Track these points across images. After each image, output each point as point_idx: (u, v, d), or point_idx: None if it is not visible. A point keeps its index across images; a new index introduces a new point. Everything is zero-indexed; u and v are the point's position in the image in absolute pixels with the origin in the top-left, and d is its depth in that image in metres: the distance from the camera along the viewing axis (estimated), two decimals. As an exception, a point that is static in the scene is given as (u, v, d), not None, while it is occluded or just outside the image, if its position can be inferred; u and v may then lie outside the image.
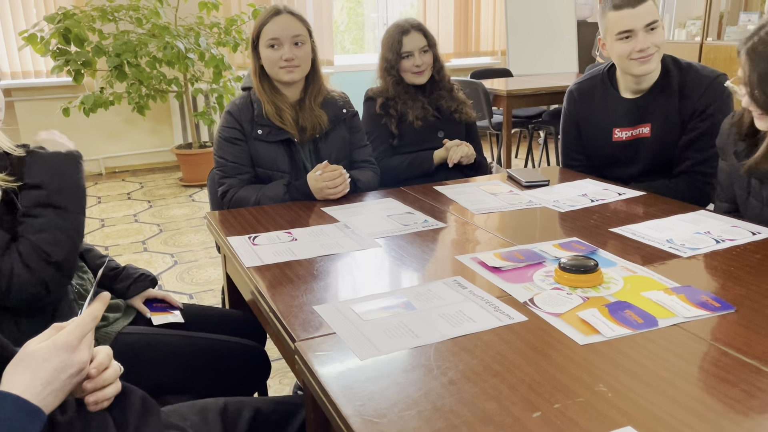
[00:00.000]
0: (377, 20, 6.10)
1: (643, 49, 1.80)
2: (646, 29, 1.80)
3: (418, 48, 2.20)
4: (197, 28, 4.41)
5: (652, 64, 1.84)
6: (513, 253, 1.33)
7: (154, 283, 1.53)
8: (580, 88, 2.07)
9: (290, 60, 1.80)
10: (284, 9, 1.84)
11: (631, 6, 1.79)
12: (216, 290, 2.92)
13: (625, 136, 1.95)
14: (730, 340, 0.96)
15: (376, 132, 2.24)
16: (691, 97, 1.86)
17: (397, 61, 2.22)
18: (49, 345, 0.77)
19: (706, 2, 4.98)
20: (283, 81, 1.84)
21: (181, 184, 4.79)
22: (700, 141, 1.87)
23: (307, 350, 0.98)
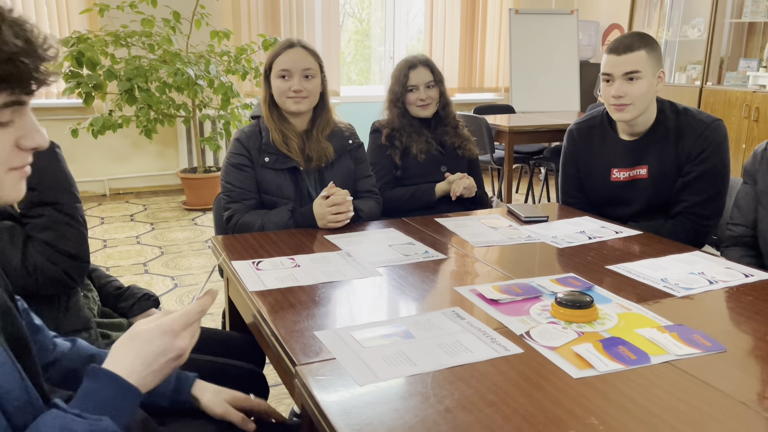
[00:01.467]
0: (384, 53, 6.22)
1: (616, 96, 1.85)
2: (624, 77, 1.84)
3: (424, 82, 2.26)
4: (208, 56, 4.50)
5: (626, 114, 1.87)
6: (511, 287, 1.36)
7: (157, 303, 1.56)
8: (580, 129, 2.12)
9: (298, 91, 1.86)
10: (298, 42, 1.90)
11: (616, 53, 1.85)
12: (215, 314, 2.94)
13: (623, 177, 1.99)
14: (720, 379, 0.99)
15: (381, 163, 2.28)
16: (687, 141, 1.91)
17: (402, 93, 2.28)
18: (154, 328, 0.82)
19: (707, 48, 5.09)
20: (289, 111, 1.90)
21: (185, 208, 4.83)
22: (696, 184, 1.91)
23: (307, 374, 1.00)
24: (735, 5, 5.06)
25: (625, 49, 1.84)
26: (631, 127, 1.96)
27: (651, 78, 1.85)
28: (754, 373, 1.02)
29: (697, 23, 5.38)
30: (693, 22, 5.42)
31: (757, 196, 1.66)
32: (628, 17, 5.78)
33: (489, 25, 6.13)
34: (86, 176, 5.11)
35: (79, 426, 0.72)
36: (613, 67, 1.86)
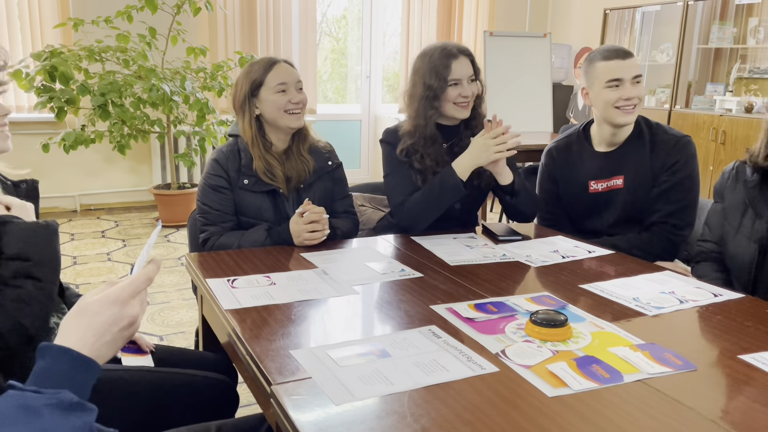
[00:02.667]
0: (360, 72, 6.26)
1: (629, 98, 1.94)
2: (633, 81, 1.95)
3: (467, 76, 1.94)
4: (183, 72, 4.48)
5: (633, 116, 1.98)
6: (486, 305, 1.37)
7: None
8: (558, 146, 2.19)
9: (297, 103, 1.85)
10: (280, 59, 1.90)
11: (621, 58, 1.95)
12: (187, 332, 2.89)
13: (600, 188, 2.05)
14: (691, 397, 1.00)
15: (399, 176, 2.00)
16: (660, 152, 1.99)
17: (442, 88, 1.92)
18: (101, 299, 0.81)
19: (675, 72, 5.23)
20: (291, 127, 1.87)
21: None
22: (669, 193, 1.98)
23: (282, 394, 0.99)
24: (702, 31, 5.22)
25: (626, 54, 1.96)
26: (613, 136, 2.04)
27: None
28: (723, 391, 1.04)
29: (665, 48, 5.53)
30: (662, 47, 5.58)
31: (725, 212, 1.71)
32: (600, 41, 5.92)
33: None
34: (57, 191, 5.02)
35: (37, 401, 0.71)
36: (623, 71, 1.94)
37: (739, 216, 1.66)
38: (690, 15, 5.12)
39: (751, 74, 5.02)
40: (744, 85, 5.07)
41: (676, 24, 5.23)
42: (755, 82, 5.01)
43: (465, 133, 2.03)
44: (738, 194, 1.68)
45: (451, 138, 2.04)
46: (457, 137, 2.04)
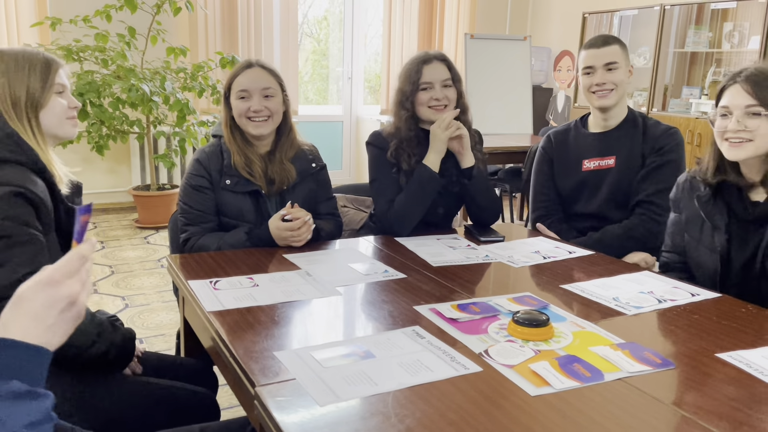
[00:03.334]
0: (341, 74, 6.26)
1: (599, 84, 2.03)
2: (605, 68, 2.03)
3: (440, 80, 1.97)
4: (163, 72, 4.44)
5: (609, 99, 2.04)
6: (469, 306, 1.38)
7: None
8: (557, 131, 2.27)
9: (258, 111, 1.82)
10: (256, 62, 1.88)
11: (596, 47, 2.06)
12: (167, 335, 2.87)
13: (593, 166, 2.12)
14: (670, 394, 1.02)
15: (385, 180, 2.02)
16: (650, 138, 2.07)
17: (413, 92, 1.97)
18: (33, 285, 0.79)
19: (652, 75, 5.31)
20: (251, 134, 1.86)
21: (137, 226, 4.72)
22: (655, 173, 2.04)
23: (266, 396, 0.99)
24: (678, 36, 5.30)
25: (603, 43, 2.05)
26: (606, 120, 2.11)
27: (625, 69, 2.06)
28: (702, 388, 1.06)
29: (642, 52, 5.61)
30: (639, 50, 5.65)
31: (684, 225, 1.72)
32: (579, 44, 5.98)
33: (445, 49, 6.25)
34: (33, 193, 4.94)
35: None
36: (594, 59, 2.05)
37: (698, 228, 1.66)
38: (667, 19, 5.20)
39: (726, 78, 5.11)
40: (719, 88, 5.16)
41: (653, 28, 5.31)
42: (730, 85, 5.10)
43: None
44: (693, 207, 1.67)
45: None
46: None
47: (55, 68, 1.40)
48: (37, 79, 1.36)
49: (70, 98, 1.45)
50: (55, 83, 1.39)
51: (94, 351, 1.30)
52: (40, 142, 1.36)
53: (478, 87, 5.49)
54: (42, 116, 1.38)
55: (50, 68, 1.39)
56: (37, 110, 1.37)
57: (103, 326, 1.33)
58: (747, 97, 1.48)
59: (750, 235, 1.57)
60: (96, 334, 1.31)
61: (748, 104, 1.48)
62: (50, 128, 1.41)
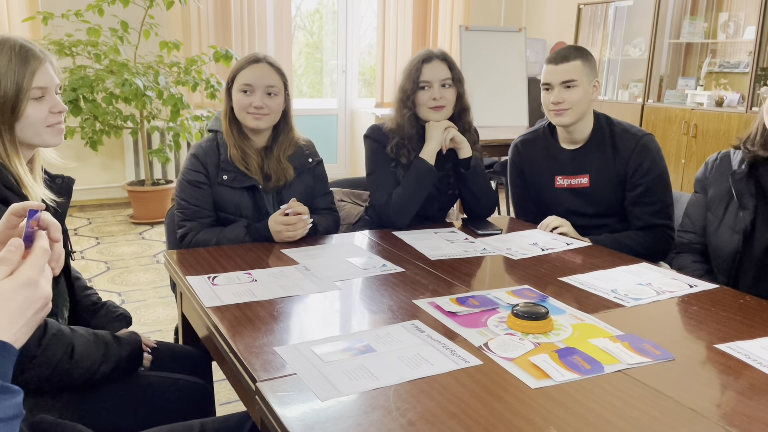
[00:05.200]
0: (336, 66, 6.24)
1: (555, 102, 1.97)
2: (562, 86, 1.96)
3: (439, 79, 1.98)
4: (157, 67, 4.41)
5: (565, 118, 1.99)
6: (468, 299, 1.38)
7: (130, 323, 1.54)
8: (524, 141, 2.21)
9: (259, 108, 1.81)
10: (264, 58, 1.86)
11: (554, 63, 1.98)
12: (164, 331, 2.86)
13: (566, 184, 2.07)
14: (669, 386, 1.02)
15: (383, 173, 2.04)
16: (622, 152, 2.01)
17: (413, 91, 2.00)
18: (11, 284, 0.77)
19: (648, 66, 5.31)
20: (249, 127, 1.85)
21: (132, 222, 4.70)
22: (647, 196, 1.99)
23: (267, 391, 0.99)
24: (673, 26, 5.30)
25: (562, 59, 1.97)
26: (570, 134, 2.06)
27: (587, 86, 1.98)
28: (701, 380, 1.06)
29: (638, 43, 5.61)
30: (634, 41, 5.65)
31: (707, 203, 1.74)
32: (574, 36, 5.98)
33: (440, 41, 6.23)
34: (27, 189, 4.91)
35: None
36: (552, 76, 1.98)
37: (723, 207, 1.68)
38: (662, 10, 5.20)
39: (722, 68, 5.12)
40: (714, 79, 5.17)
41: (648, 19, 5.30)
42: (725, 76, 5.10)
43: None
44: (723, 185, 1.69)
45: None
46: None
47: (32, 70, 1.23)
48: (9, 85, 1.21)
49: (54, 101, 1.30)
50: (32, 88, 1.24)
51: (102, 371, 1.27)
52: (11, 154, 1.24)
53: (473, 79, 5.48)
54: (17, 128, 1.25)
55: (25, 70, 1.22)
56: (11, 122, 1.23)
57: (108, 345, 1.30)
58: None
59: None
60: (102, 355, 1.27)
61: None
62: (27, 139, 1.28)
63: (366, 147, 2.10)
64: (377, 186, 2.04)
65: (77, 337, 1.23)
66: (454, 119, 2.06)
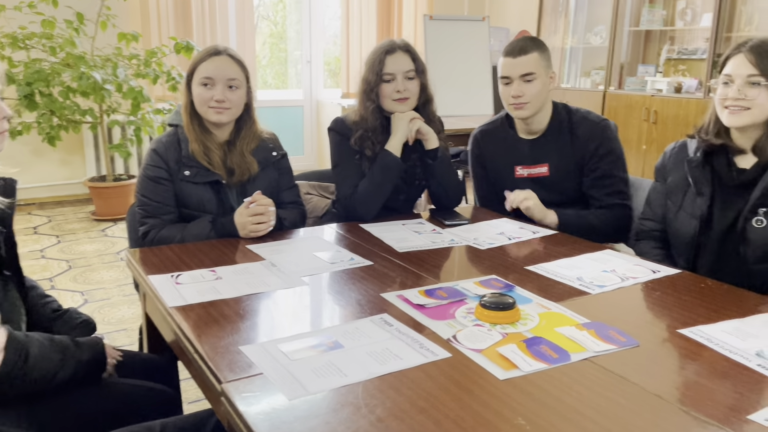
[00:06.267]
0: (300, 57, 6.17)
1: (515, 96, 1.96)
2: (522, 79, 1.95)
3: (403, 71, 1.96)
4: (115, 59, 4.30)
5: (525, 111, 1.98)
6: (436, 291, 1.37)
7: (93, 329, 1.49)
8: (483, 131, 2.21)
9: (221, 102, 1.77)
10: (224, 50, 1.82)
11: (512, 56, 1.96)
12: (130, 329, 2.81)
13: (526, 173, 2.08)
14: (636, 373, 1.04)
15: (348, 165, 2.02)
16: (581, 138, 2.02)
17: (377, 83, 1.97)
18: None
19: (609, 54, 5.38)
20: (210, 121, 1.81)
21: (93, 219, 4.59)
22: (605, 178, 2.01)
23: (233, 392, 0.97)
24: (633, 14, 5.37)
25: (520, 51, 1.95)
26: (528, 126, 2.06)
27: (544, 78, 1.97)
28: (666, 365, 1.08)
29: (599, 31, 5.67)
30: (596, 29, 5.71)
31: (667, 191, 1.78)
32: (536, 25, 6.02)
33: (405, 30, 6.21)
34: (-18, 187, 4.75)
35: None
36: (511, 69, 1.97)
37: (681, 194, 1.73)
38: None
39: (680, 55, 5.22)
40: (673, 65, 5.27)
41: (608, 7, 5.36)
42: (684, 62, 5.20)
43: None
44: (680, 173, 1.74)
45: None
46: None
47: None
48: None
49: None
50: None
51: (60, 377, 1.23)
52: None
53: (438, 68, 5.48)
54: None
55: None
56: None
57: (66, 349, 1.25)
58: (749, 67, 1.53)
59: (733, 201, 1.63)
60: (60, 360, 1.23)
61: (749, 74, 1.53)
62: None
63: (330, 140, 2.08)
64: (343, 179, 2.03)
65: (32, 342, 1.19)
66: (418, 110, 2.05)
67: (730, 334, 1.17)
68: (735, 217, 1.62)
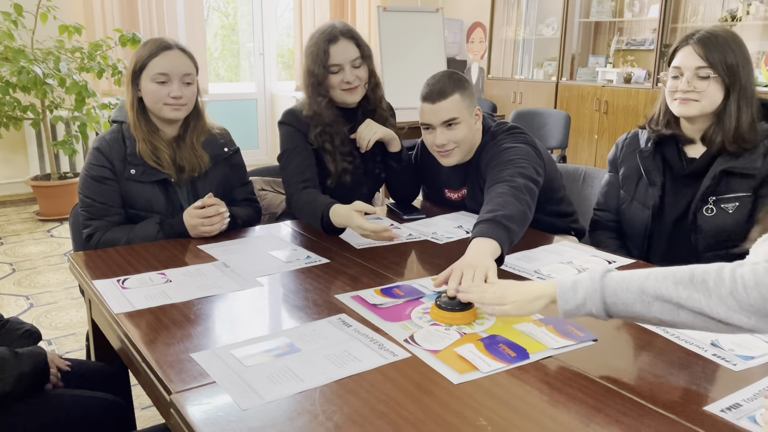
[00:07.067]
0: (253, 49, 6.05)
1: (439, 145, 1.80)
2: (444, 125, 1.78)
3: (349, 60, 1.86)
4: (57, 53, 4.12)
5: (453, 158, 1.83)
6: (393, 290, 1.35)
7: (38, 339, 1.40)
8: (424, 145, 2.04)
9: (178, 98, 1.71)
10: (175, 44, 1.75)
11: (431, 101, 1.77)
12: (78, 334, 2.70)
13: (453, 197, 2.02)
14: (594, 368, 1.04)
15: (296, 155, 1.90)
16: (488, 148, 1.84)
17: (324, 76, 1.86)
18: None
19: (560, 45, 5.45)
20: (167, 118, 1.74)
21: (38, 219, 4.41)
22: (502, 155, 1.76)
23: (184, 402, 0.93)
24: (583, 6, 5.45)
25: (439, 95, 1.76)
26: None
27: (469, 120, 1.79)
28: (624, 358, 1.08)
29: (551, 22, 5.74)
30: (547, 21, 5.78)
31: (620, 181, 1.80)
32: (489, 16, 6.05)
33: (358, 22, 6.16)
34: None
35: None
36: (431, 116, 1.78)
37: (634, 184, 1.75)
38: (572, -11, 5.33)
39: (629, 46, 5.32)
40: (622, 56, 5.37)
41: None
42: (632, 53, 5.31)
43: (362, 119, 1.96)
44: (632, 164, 1.76)
45: (350, 121, 1.96)
46: (356, 122, 1.97)
47: None
48: None
49: None
50: None
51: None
52: None
53: (393, 60, 5.45)
54: None
55: None
56: None
57: (4, 361, 1.18)
58: (697, 59, 1.55)
59: (684, 190, 1.66)
60: None
61: (698, 66, 1.55)
62: None
63: (282, 133, 1.97)
64: (290, 169, 1.88)
65: None
66: (367, 96, 1.96)
67: (685, 324, 1.19)
68: (686, 206, 1.65)
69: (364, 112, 1.98)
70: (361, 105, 1.97)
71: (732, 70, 1.54)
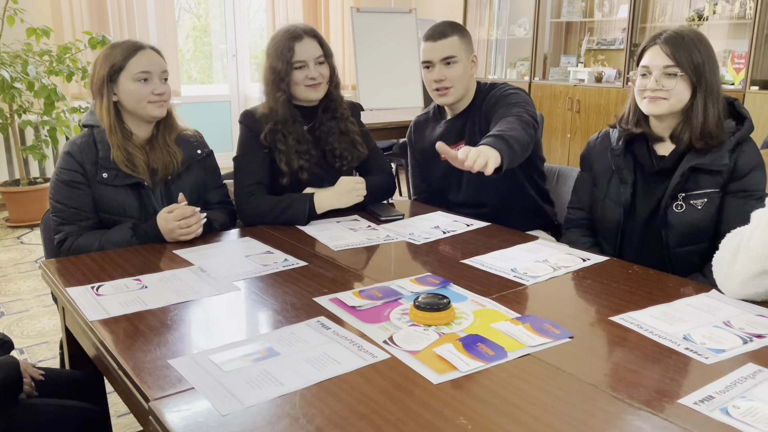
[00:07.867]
0: (225, 50, 6.00)
1: (437, 80, 1.96)
2: (443, 62, 1.95)
3: (313, 57, 1.92)
4: (25, 56, 4.04)
5: (449, 98, 1.99)
6: (371, 291, 1.35)
7: (10, 348, 1.37)
8: (417, 121, 2.24)
9: (161, 94, 1.72)
10: (147, 45, 1.76)
11: (432, 40, 1.96)
12: (51, 342, 2.65)
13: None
14: (571, 364, 1.05)
15: (251, 159, 1.95)
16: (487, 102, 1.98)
17: (287, 72, 1.91)
18: None
19: (533, 45, 5.50)
20: (150, 116, 1.74)
21: (8, 225, 4.32)
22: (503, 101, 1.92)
23: (162, 410, 0.92)
24: (554, 6, 5.51)
25: (440, 35, 1.95)
26: (453, 111, 2.08)
27: (466, 61, 1.98)
28: (599, 354, 1.10)
29: (523, 22, 5.79)
30: (519, 21, 5.83)
31: (593, 179, 1.83)
32: (462, 17, 6.08)
33: (332, 23, 6.15)
34: None
35: None
36: (432, 53, 1.96)
37: (606, 182, 1.78)
38: (543, -10, 5.39)
39: (599, 46, 5.40)
40: (593, 56, 5.45)
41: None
42: (603, 53, 5.39)
43: (324, 116, 2.02)
44: (604, 162, 1.78)
45: (310, 120, 2.01)
46: (317, 120, 2.02)
47: None
48: None
49: None
50: None
51: None
52: None
53: (367, 61, 5.45)
54: None
55: None
56: None
57: None
58: (665, 58, 1.58)
59: (655, 187, 1.69)
60: None
61: (666, 65, 1.58)
62: None
63: (240, 132, 2.02)
64: (243, 171, 1.94)
65: None
66: (329, 93, 2.01)
67: (659, 318, 1.21)
68: (657, 202, 1.68)
69: (324, 110, 2.02)
70: (322, 103, 2.01)
71: (698, 68, 1.57)
